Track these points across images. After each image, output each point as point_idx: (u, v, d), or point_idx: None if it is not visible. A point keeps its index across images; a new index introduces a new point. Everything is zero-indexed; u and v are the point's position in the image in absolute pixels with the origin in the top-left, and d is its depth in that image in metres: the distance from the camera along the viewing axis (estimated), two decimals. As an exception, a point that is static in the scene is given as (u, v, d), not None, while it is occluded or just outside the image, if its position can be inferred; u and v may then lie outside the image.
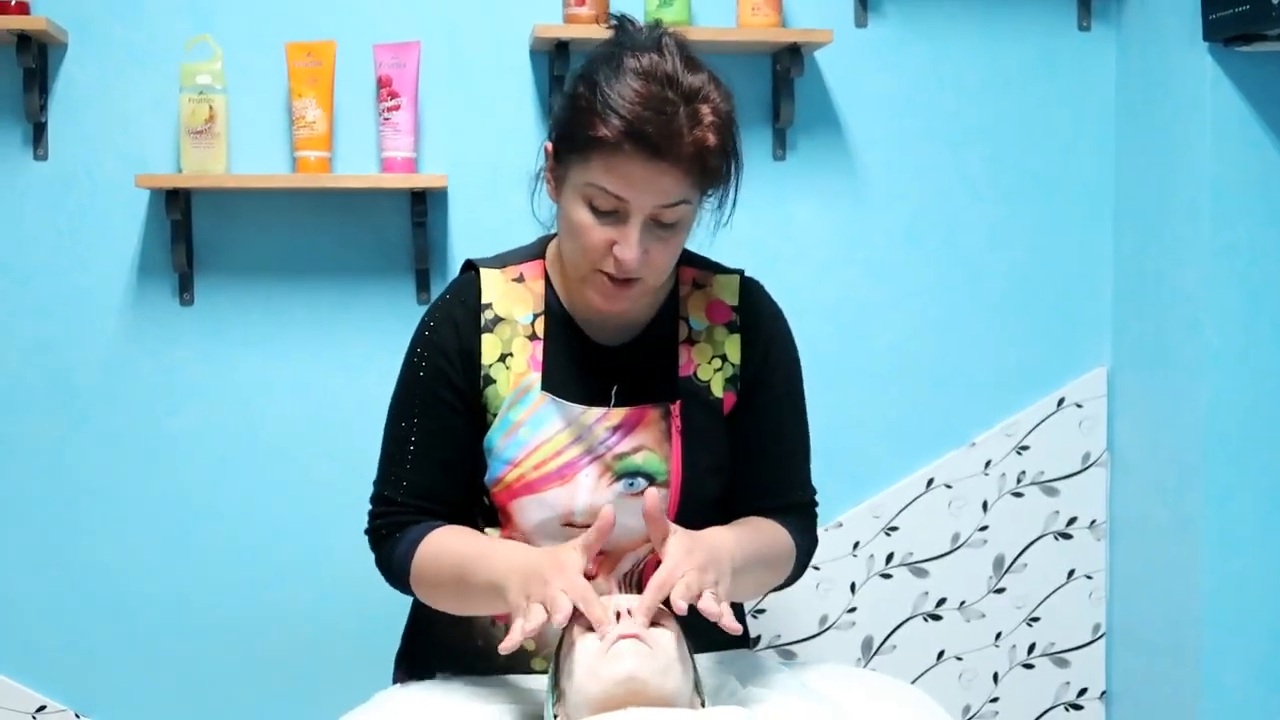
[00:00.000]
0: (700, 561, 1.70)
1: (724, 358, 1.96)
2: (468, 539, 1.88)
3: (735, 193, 1.87)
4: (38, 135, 2.70)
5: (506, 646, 1.63)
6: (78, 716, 2.76)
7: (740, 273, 2.03)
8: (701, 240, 1.93)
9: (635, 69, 1.74)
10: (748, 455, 1.98)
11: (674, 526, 1.75)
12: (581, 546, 1.71)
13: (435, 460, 1.93)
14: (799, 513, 2.02)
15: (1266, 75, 2.57)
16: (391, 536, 1.93)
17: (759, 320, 2.00)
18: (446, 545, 1.87)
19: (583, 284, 1.86)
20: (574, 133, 1.78)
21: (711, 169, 1.78)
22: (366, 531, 1.98)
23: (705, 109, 1.75)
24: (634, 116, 1.71)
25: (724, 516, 1.99)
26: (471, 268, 1.99)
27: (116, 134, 2.72)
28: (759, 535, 1.91)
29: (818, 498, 2.06)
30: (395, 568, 1.92)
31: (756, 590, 1.98)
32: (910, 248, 2.91)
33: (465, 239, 2.79)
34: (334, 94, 2.69)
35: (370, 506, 1.98)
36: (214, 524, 2.78)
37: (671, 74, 1.74)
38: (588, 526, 1.86)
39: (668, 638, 1.67)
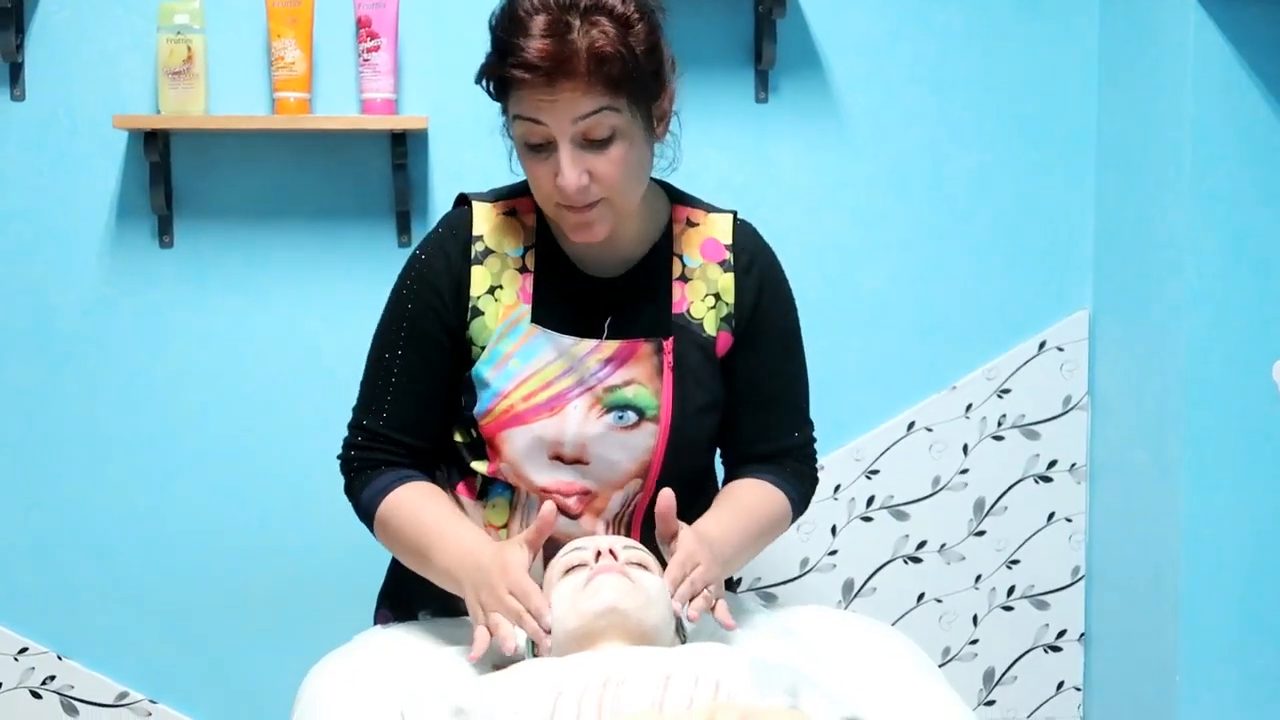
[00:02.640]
0: (711, 554, 1.78)
1: (718, 296, 1.96)
2: (432, 509, 1.89)
3: (658, 102, 1.85)
4: (14, 75, 2.67)
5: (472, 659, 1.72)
6: (60, 658, 2.76)
7: (733, 213, 2.03)
8: (660, 165, 1.94)
9: (520, 3, 1.76)
10: (747, 396, 2.00)
11: (682, 525, 1.79)
12: (525, 542, 1.75)
13: (417, 393, 1.94)
14: (796, 455, 2.04)
15: (1249, 19, 2.56)
16: (363, 472, 1.95)
17: (753, 259, 2.00)
18: (413, 508, 1.90)
19: (559, 225, 1.88)
20: (489, 82, 1.83)
21: (618, 75, 1.75)
22: (339, 457, 1.99)
23: (601, 18, 1.75)
24: (524, 49, 1.73)
25: (713, 456, 2.03)
26: (465, 201, 1.99)
27: (94, 74, 2.69)
28: (754, 514, 1.95)
29: (814, 434, 2.09)
30: (362, 508, 1.95)
31: (750, 560, 2.00)
32: (894, 192, 2.90)
33: (446, 181, 2.77)
34: (313, 34, 2.67)
35: (347, 434, 1.99)
36: (195, 466, 2.78)
37: None
38: (576, 461, 1.88)
39: (650, 577, 1.68)
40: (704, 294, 1.96)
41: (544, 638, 1.65)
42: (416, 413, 1.94)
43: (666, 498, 1.75)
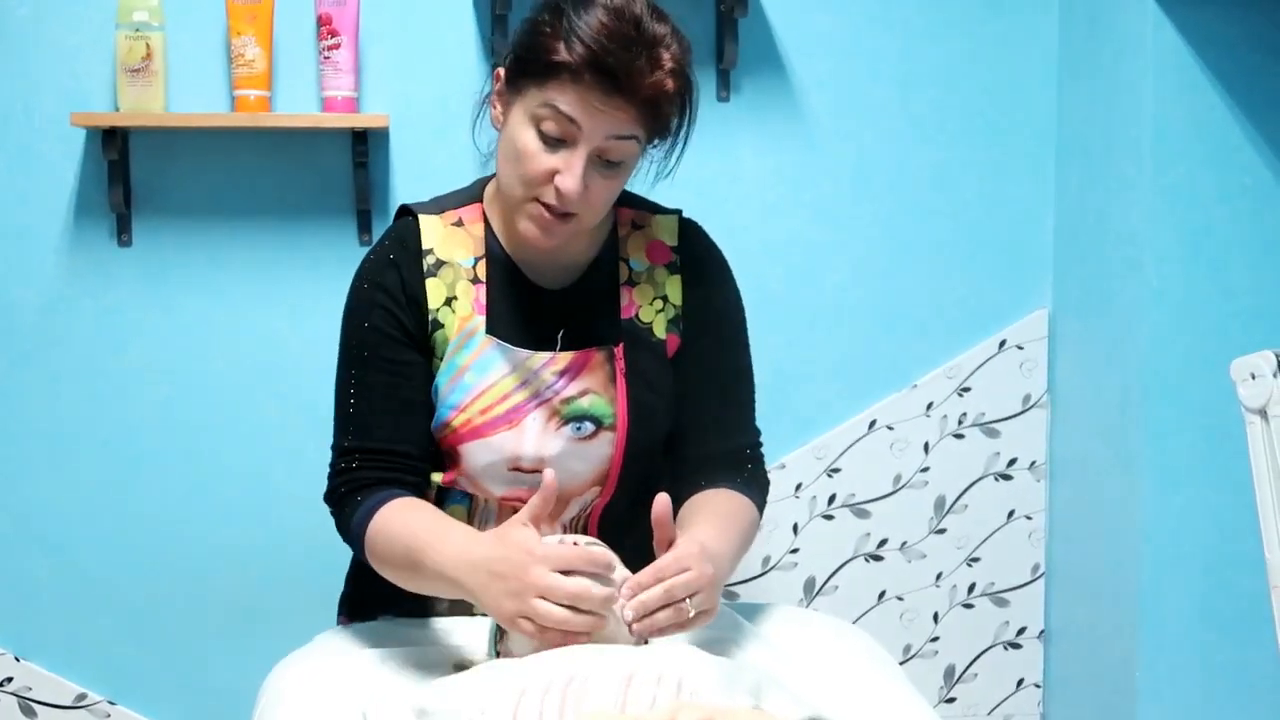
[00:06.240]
0: (708, 563, 1.66)
1: (665, 299, 1.96)
2: (418, 519, 1.81)
3: (684, 145, 1.88)
4: (-29, 72, 2.66)
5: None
6: (17, 659, 2.75)
7: (678, 213, 2.03)
8: (640, 187, 1.95)
9: (605, 4, 1.75)
10: (691, 396, 1.98)
11: (684, 533, 1.71)
12: (530, 519, 1.65)
13: (388, 397, 1.89)
14: (750, 463, 2.00)
15: (1207, 17, 2.57)
16: (351, 498, 1.88)
17: (699, 261, 2.00)
18: (397, 523, 1.81)
19: (518, 214, 1.84)
20: (534, 57, 1.77)
21: (663, 115, 1.80)
22: (325, 495, 1.93)
23: (666, 55, 1.76)
24: (599, 47, 1.72)
25: (669, 460, 2.00)
26: (408, 213, 1.96)
27: (52, 71, 2.67)
28: (738, 525, 1.88)
29: (762, 440, 2.05)
30: (352, 536, 1.88)
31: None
32: (855, 190, 2.91)
33: (407, 179, 2.77)
34: (273, 32, 2.66)
35: (329, 468, 1.93)
36: (156, 465, 2.76)
37: (638, 16, 1.75)
38: (535, 471, 1.87)
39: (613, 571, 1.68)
40: (652, 297, 1.95)
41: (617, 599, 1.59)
42: (391, 418, 1.89)
43: (663, 503, 1.66)
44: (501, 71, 1.86)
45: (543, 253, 1.90)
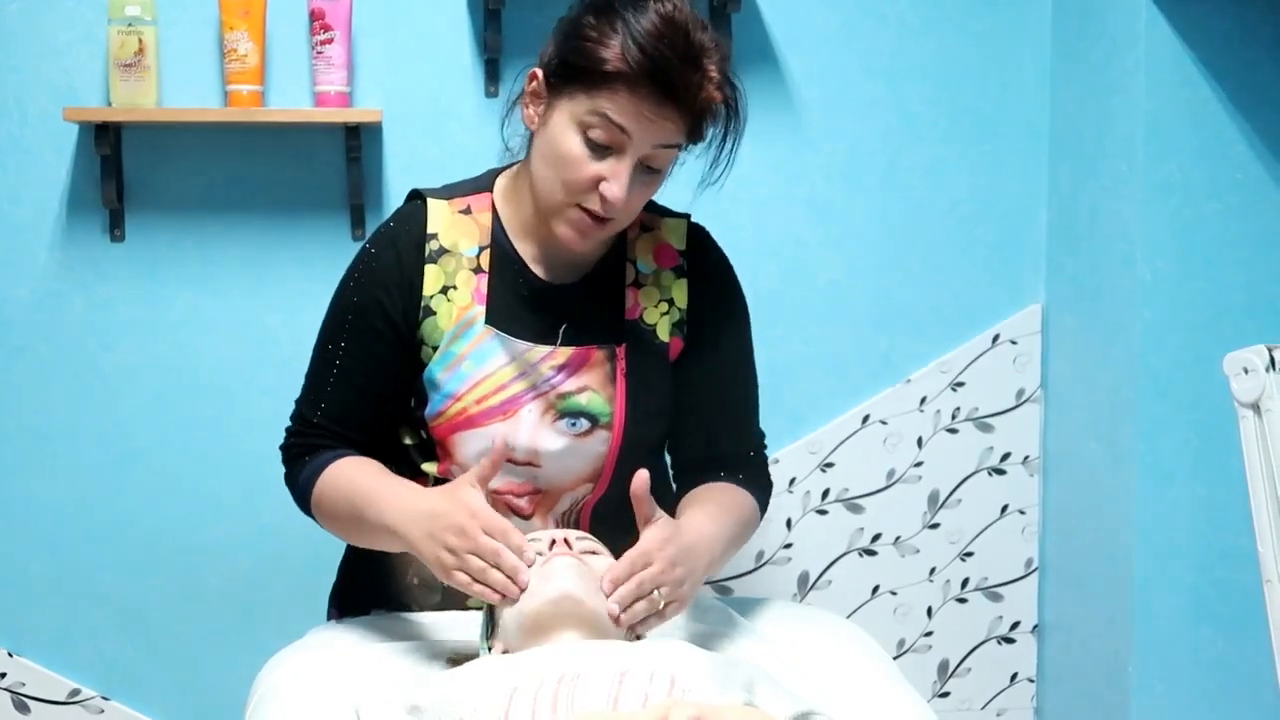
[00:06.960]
0: (672, 555, 1.69)
1: (671, 302, 1.96)
2: (365, 473, 1.87)
3: (734, 153, 1.90)
4: (-37, 67, 2.65)
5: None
6: (10, 655, 2.74)
7: (687, 217, 2.02)
8: (682, 198, 1.97)
9: (661, 11, 1.74)
10: (695, 402, 1.98)
11: (660, 513, 1.72)
12: (477, 480, 1.71)
13: (357, 386, 1.92)
14: (755, 467, 2.01)
15: (1200, 12, 2.57)
16: (300, 459, 1.94)
17: (707, 266, 2.00)
18: (345, 476, 1.87)
19: (554, 218, 1.83)
20: (584, 63, 1.76)
21: (705, 127, 1.81)
22: (280, 447, 1.98)
23: (713, 67, 1.77)
24: (658, 56, 1.71)
25: (664, 460, 2.00)
26: (418, 197, 1.96)
27: (44, 66, 2.67)
28: (733, 514, 1.89)
29: (765, 443, 2.05)
30: (299, 491, 1.94)
31: (727, 561, 1.96)
32: (849, 185, 2.90)
33: (400, 174, 2.76)
34: (266, 27, 2.65)
35: (289, 424, 1.98)
36: (149, 461, 2.76)
37: (690, 24, 1.75)
38: (527, 464, 1.87)
39: (602, 562, 1.69)
40: (657, 300, 1.95)
41: (524, 574, 1.64)
42: (356, 405, 1.93)
43: (641, 479, 1.69)
44: (539, 72, 1.83)
45: (573, 254, 1.90)
